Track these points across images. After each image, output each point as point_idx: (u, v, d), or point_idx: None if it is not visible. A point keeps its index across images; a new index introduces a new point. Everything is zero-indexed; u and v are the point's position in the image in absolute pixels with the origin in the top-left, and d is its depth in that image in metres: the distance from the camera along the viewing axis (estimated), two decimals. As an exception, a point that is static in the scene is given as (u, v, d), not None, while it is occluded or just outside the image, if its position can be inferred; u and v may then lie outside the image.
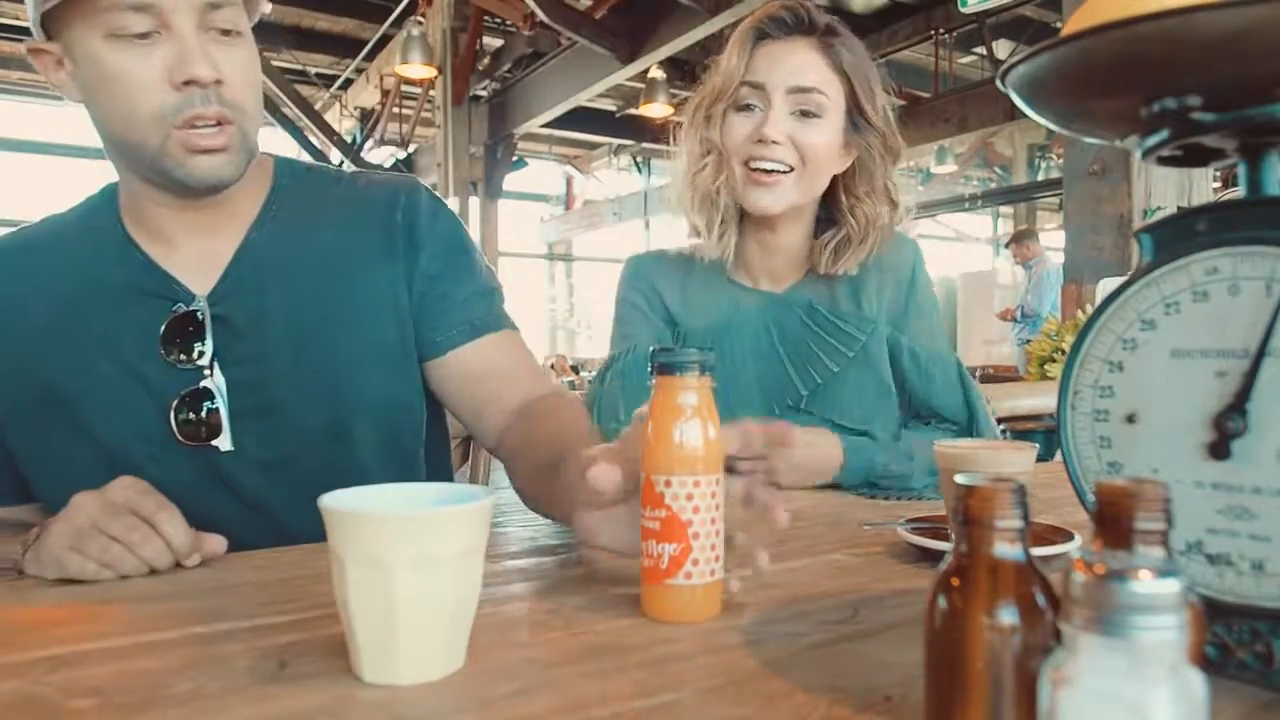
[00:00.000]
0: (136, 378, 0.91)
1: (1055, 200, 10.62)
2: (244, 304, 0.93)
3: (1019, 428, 2.42)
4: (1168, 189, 3.56)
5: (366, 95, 9.68)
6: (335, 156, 8.95)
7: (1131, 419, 0.53)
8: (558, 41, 7.39)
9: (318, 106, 9.51)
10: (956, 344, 8.63)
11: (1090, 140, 0.62)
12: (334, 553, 0.51)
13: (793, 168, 1.18)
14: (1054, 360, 2.97)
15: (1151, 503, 0.39)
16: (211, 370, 0.92)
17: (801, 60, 1.17)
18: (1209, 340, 0.50)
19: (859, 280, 1.29)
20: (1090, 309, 0.65)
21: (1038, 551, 0.52)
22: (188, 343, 0.91)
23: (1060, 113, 0.58)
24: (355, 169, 1.09)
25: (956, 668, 0.40)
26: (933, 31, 7.34)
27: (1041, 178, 11.36)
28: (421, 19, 7.22)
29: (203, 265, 0.94)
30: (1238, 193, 0.55)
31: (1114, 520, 0.40)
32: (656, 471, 0.61)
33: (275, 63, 8.48)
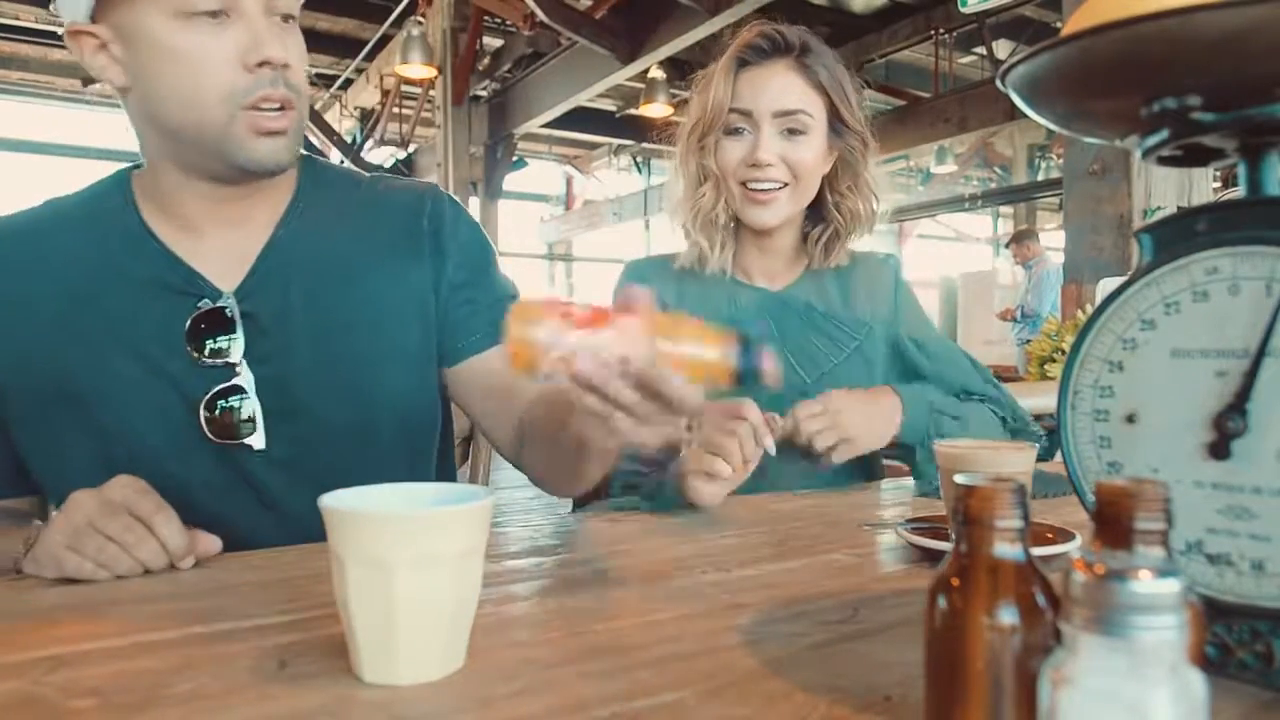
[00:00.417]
0: (160, 374, 0.89)
1: (1055, 200, 10.62)
2: (270, 301, 0.93)
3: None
4: (1168, 189, 3.56)
5: (366, 95, 9.68)
6: (335, 156, 8.93)
7: (1131, 419, 0.53)
8: (558, 41, 7.38)
9: (317, 106, 9.52)
10: (956, 344, 8.59)
11: (1090, 140, 0.62)
12: (334, 553, 0.51)
13: (786, 184, 1.27)
14: (1054, 360, 2.96)
15: (1151, 503, 0.39)
16: (240, 367, 0.91)
17: (783, 84, 1.25)
18: (1209, 340, 0.50)
19: (850, 285, 1.36)
20: (1090, 309, 0.65)
21: (1038, 551, 0.52)
22: (214, 339, 0.90)
23: (1060, 113, 0.58)
24: (373, 173, 1.10)
25: (956, 668, 0.40)
26: (933, 31, 7.33)
27: (1041, 178, 11.35)
28: (421, 19, 7.22)
29: (228, 260, 0.93)
30: (1238, 193, 0.55)
31: (1114, 520, 0.40)
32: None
33: (275, 63, 8.47)
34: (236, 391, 0.90)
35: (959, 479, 0.42)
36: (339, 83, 9.80)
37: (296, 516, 0.92)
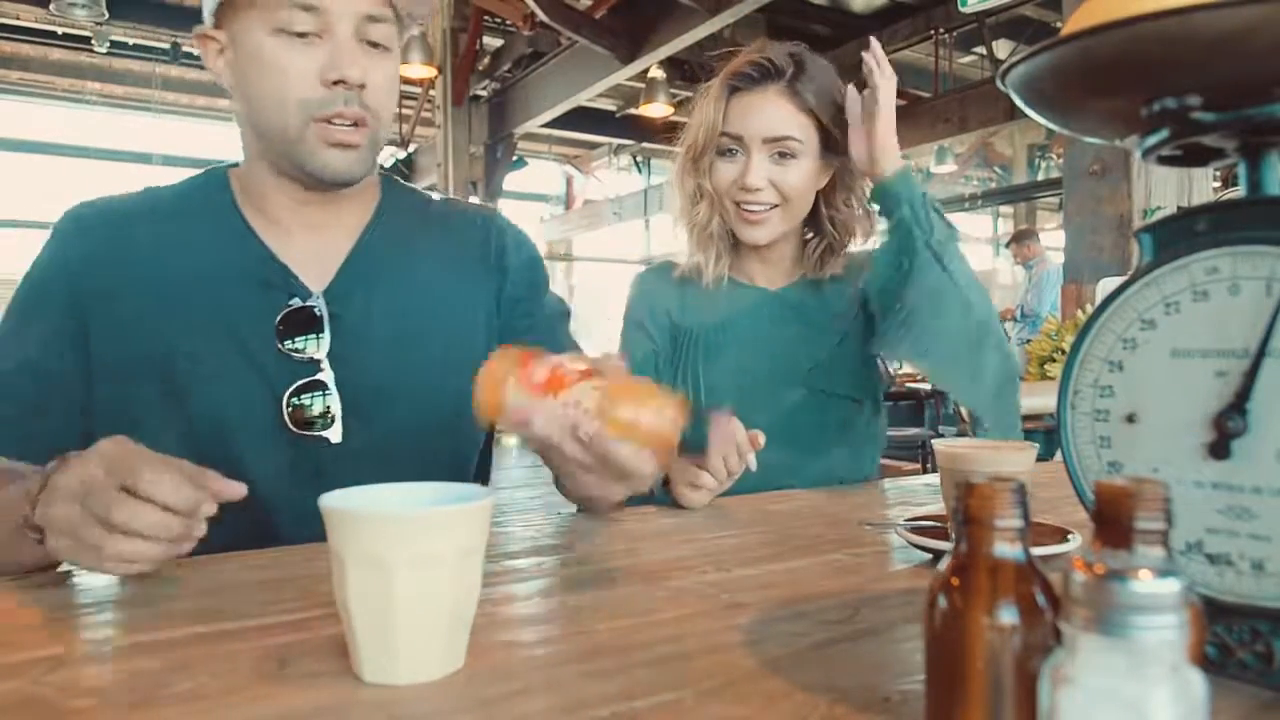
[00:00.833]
0: (251, 362, 0.94)
1: (1055, 200, 10.62)
2: (353, 304, 0.98)
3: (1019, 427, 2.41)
4: (1168, 189, 3.56)
5: (366, 95, 9.65)
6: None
7: (1131, 419, 0.53)
8: (558, 41, 7.38)
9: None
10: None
11: (1090, 140, 0.62)
12: (334, 553, 0.51)
13: (776, 205, 1.29)
14: (1054, 360, 2.97)
15: (1151, 502, 0.39)
16: (324, 364, 0.96)
17: (772, 111, 1.27)
18: (1209, 340, 0.50)
19: (844, 283, 1.38)
20: (1090, 309, 0.65)
21: (1038, 551, 0.52)
22: (302, 335, 0.95)
23: (1060, 113, 0.58)
24: (438, 196, 1.21)
25: (956, 668, 0.40)
26: (933, 31, 7.32)
27: (1041, 178, 11.34)
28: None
29: (313, 262, 0.98)
30: (1238, 193, 0.55)
31: (1114, 520, 0.40)
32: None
33: (275, 63, 8.48)
34: (319, 387, 0.95)
35: (959, 479, 0.42)
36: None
37: None
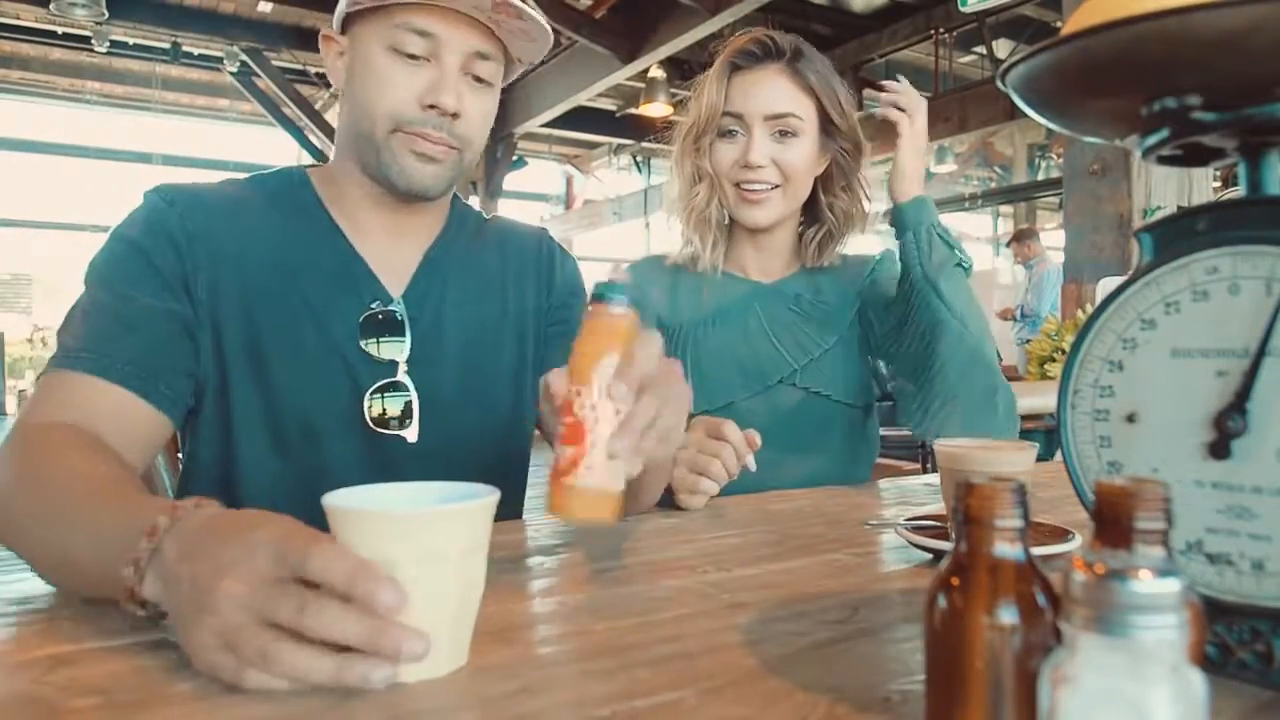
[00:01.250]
0: (338, 357, 0.97)
1: (1055, 200, 10.61)
2: (426, 310, 1.03)
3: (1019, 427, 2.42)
4: (1168, 189, 3.56)
5: (367, 95, 9.64)
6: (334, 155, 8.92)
7: (1131, 418, 0.53)
8: (558, 41, 7.38)
9: (318, 106, 9.51)
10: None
11: (1090, 140, 0.62)
12: None
13: (777, 185, 1.30)
14: (1054, 360, 2.97)
15: (1151, 502, 0.39)
16: (403, 365, 1.00)
17: (773, 88, 1.28)
18: (1209, 340, 0.50)
19: (840, 283, 1.38)
20: (1090, 309, 0.65)
21: (1038, 551, 0.52)
22: (383, 336, 0.99)
23: (1060, 113, 0.58)
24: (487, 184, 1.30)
25: (956, 668, 0.40)
26: (933, 31, 7.32)
27: (1041, 177, 11.34)
28: (421, 19, 7.21)
29: (391, 266, 1.02)
30: (1238, 192, 0.55)
31: (1114, 520, 0.40)
32: (574, 382, 0.66)
33: (275, 62, 8.48)
34: (397, 387, 0.99)
35: (959, 479, 0.42)
36: (334, 89, 9.78)
37: None
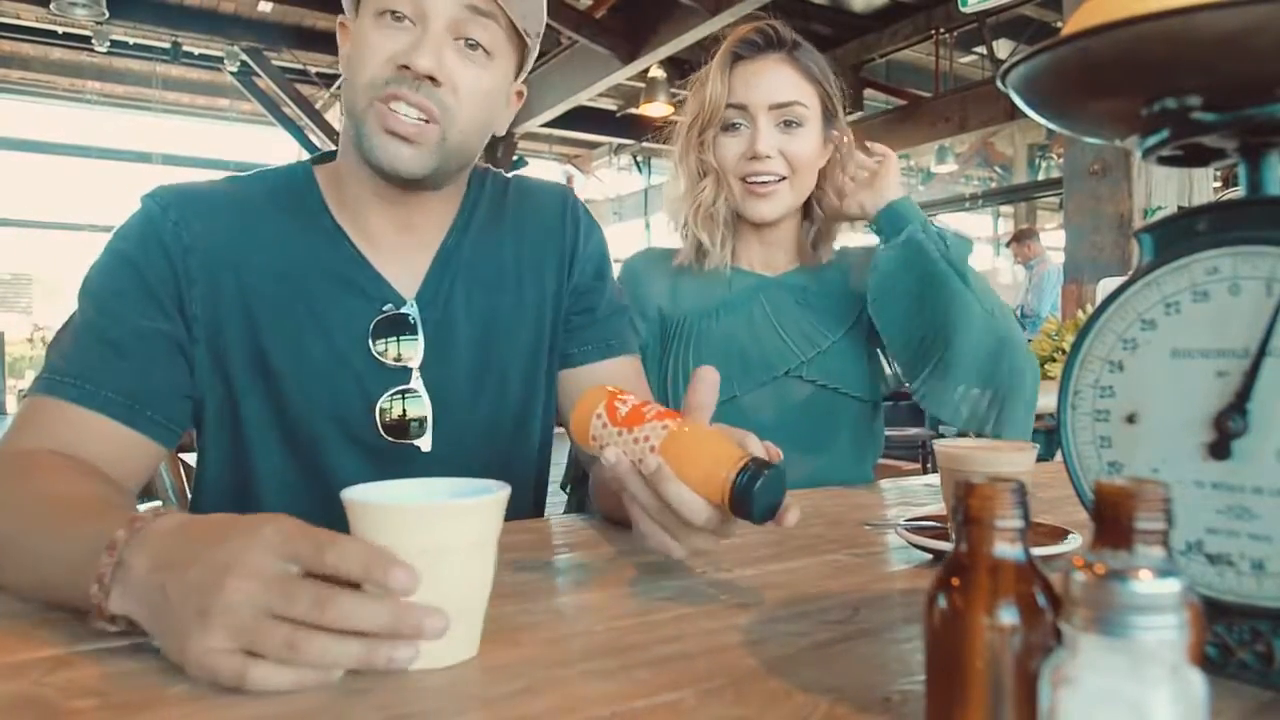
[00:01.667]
0: (345, 365, 0.92)
1: (1055, 200, 10.61)
2: (438, 309, 0.97)
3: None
4: (1168, 189, 3.56)
5: (367, 95, 9.64)
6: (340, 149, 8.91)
7: (1132, 419, 0.53)
8: (558, 41, 7.38)
9: (318, 106, 9.52)
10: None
11: (1090, 140, 0.62)
12: None
13: (785, 176, 1.28)
14: (1054, 360, 2.96)
15: (1152, 503, 0.39)
16: (416, 371, 0.94)
17: (776, 76, 1.27)
18: (1209, 340, 0.50)
19: (845, 274, 1.38)
20: (1090, 309, 0.65)
21: (1038, 551, 0.52)
22: (394, 341, 0.94)
23: (1060, 113, 0.58)
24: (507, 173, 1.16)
25: (956, 668, 0.40)
26: (933, 31, 7.32)
27: (1042, 177, 11.34)
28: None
29: (401, 265, 0.96)
30: (1238, 193, 0.55)
31: (1114, 520, 0.40)
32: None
33: (276, 62, 8.48)
34: (410, 393, 0.94)
35: (959, 479, 0.42)
36: (339, 82, 9.79)
37: None
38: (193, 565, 0.51)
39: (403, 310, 0.95)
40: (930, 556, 0.81)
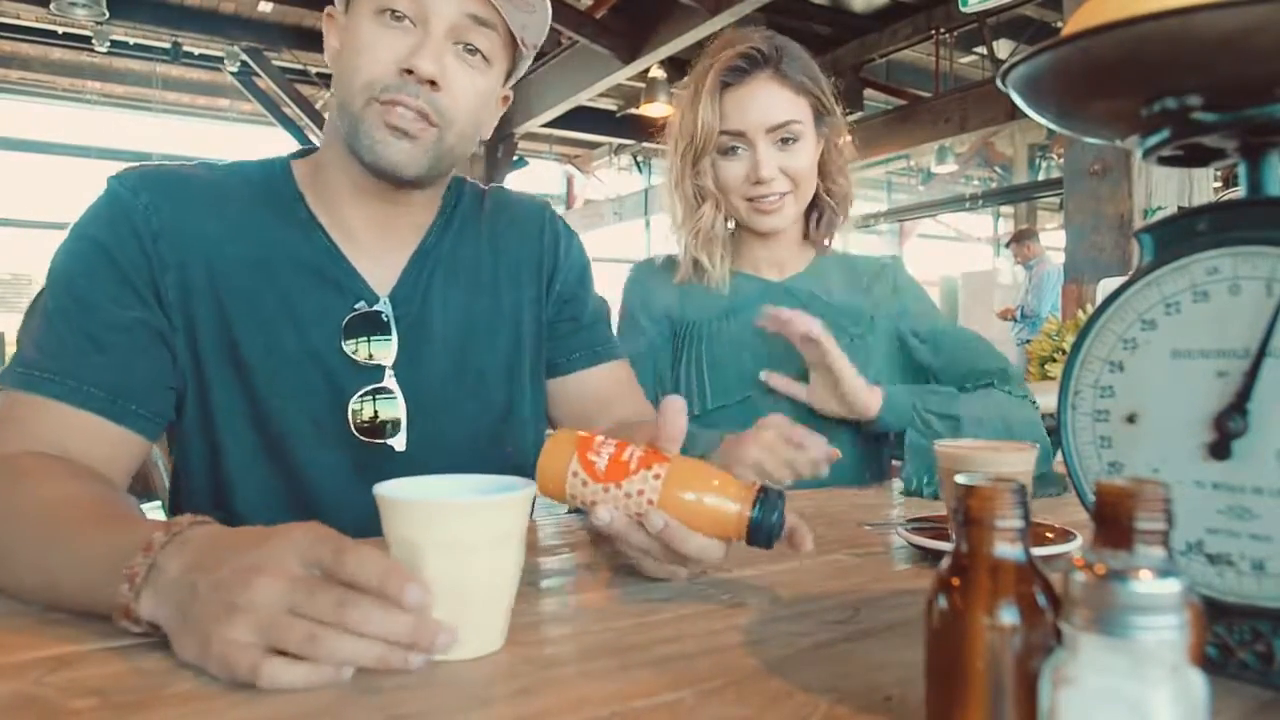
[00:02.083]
0: (317, 362, 0.91)
1: (1055, 200, 10.60)
2: (413, 308, 0.96)
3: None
4: (1168, 189, 3.56)
5: (367, 95, 9.64)
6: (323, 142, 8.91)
7: (1132, 419, 0.53)
8: (558, 41, 7.38)
9: (318, 106, 9.51)
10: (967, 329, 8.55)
11: (1090, 140, 0.62)
12: (387, 539, 0.56)
13: (789, 191, 1.30)
14: (1054, 360, 2.96)
15: (1152, 503, 0.39)
16: (389, 370, 0.94)
17: (769, 98, 1.27)
18: (1209, 340, 0.50)
19: (853, 281, 1.40)
20: (1090, 309, 0.65)
21: (1038, 551, 0.52)
22: (367, 339, 0.93)
23: (1061, 113, 0.58)
24: (486, 184, 1.16)
25: (957, 668, 0.40)
26: (933, 31, 7.32)
27: (1042, 177, 11.33)
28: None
29: (377, 262, 0.96)
30: (1238, 193, 0.55)
31: (1114, 520, 0.40)
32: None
33: (276, 62, 8.48)
34: (384, 393, 0.93)
35: (959, 479, 0.42)
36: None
37: None
38: (224, 566, 0.52)
39: (376, 308, 0.93)
40: (930, 557, 0.81)
